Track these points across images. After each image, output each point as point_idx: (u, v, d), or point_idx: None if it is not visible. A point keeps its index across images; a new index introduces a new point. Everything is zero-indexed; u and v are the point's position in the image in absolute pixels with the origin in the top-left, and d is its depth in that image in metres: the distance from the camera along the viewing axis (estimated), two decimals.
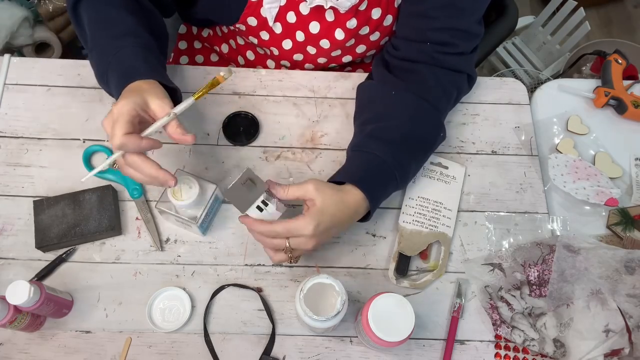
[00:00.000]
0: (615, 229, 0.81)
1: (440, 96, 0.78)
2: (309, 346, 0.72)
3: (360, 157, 0.74)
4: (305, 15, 0.80)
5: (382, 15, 0.80)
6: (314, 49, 0.85)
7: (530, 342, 0.72)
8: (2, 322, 0.61)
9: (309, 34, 0.82)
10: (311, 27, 0.82)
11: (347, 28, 0.80)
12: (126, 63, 0.68)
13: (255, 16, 0.81)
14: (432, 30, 0.76)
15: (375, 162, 0.72)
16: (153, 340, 0.71)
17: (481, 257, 0.78)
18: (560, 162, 0.84)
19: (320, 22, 0.81)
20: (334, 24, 0.81)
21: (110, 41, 0.70)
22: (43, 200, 0.75)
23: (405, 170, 0.74)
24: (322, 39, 0.83)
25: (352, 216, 0.69)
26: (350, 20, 0.79)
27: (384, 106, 0.77)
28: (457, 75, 0.80)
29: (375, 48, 0.87)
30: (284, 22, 0.81)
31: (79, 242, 0.75)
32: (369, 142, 0.74)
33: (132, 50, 0.69)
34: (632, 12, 2.17)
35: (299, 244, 0.65)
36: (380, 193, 0.72)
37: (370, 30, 0.82)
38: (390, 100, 0.77)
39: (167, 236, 0.77)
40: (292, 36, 0.84)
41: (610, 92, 0.90)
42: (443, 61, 0.78)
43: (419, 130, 0.76)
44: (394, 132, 0.74)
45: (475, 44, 0.80)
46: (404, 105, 0.76)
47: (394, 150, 0.72)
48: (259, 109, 0.87)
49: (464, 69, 0.80)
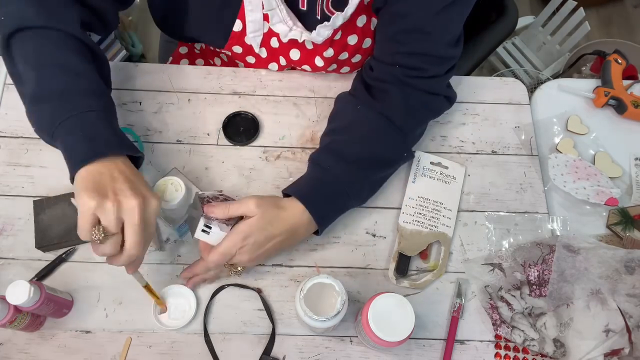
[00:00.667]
0: (615, 228, 0.81)
1: (406, 117, 0.76)
2: (309, 346, 0.72)
3: (313, 170, 0.74)
4: (285, 44, 0.81)
5: (359, 41, 0.80)
6: (299, 70, 0.88)
7: (530, 342, 0.72)
8: (2, 322, 0.61)
9: (290, 60, 0.84)
10: (292, 54, 0.83)
11: (324, 57, 0.81)
12: (93, 130, 0.62)
13: (240, 44, 0.82)
14: (401, 55, 0.74)
15: (326, 178, 0.72)
16: (153, 340, 0.71)
17: (481, 257, 0.78)
18: (560, 162, 0.84)
19: (300, 50, 0.82)
20: (312, 52, 0.81)
21: (71, 96, 0.62)
22: (43, 200, 0.75)
23: (358, 187, 0.74)
24: (304, 64, 0.84)
25: (291, 231, 0.69)
26: (327, 50, 0.79)
27: (347, 120, 0.77)
28: (430, 97, 0.78)
29: (360, 66, 0.88)
30: (268, 47, 0.83)
31: (78, 243, 0.75)
32: (325, 156, 0.74)
33: (98, 115, 0.63)
34: (632, 12, 2.17)
35: (236, 261, 0.68)
36: (327, 209, 0.72)
37: (350, 54, 0.82)
38: (354, 116, 0.77)
39: (167, 236, 0.77)
40: (277, 60, 0.85)
41: (610, 92, 0.90)
42: (414, 85, 0.76)
43: (376, 148, 0.75)
44: (350, 147, 0.74)
45: (449, 66, 0.77)
46: (363, 121, 0.76)
47: (348, 167, 0.72)
48: (259, 109, 0.87)
49: (437, 91, 0.78)
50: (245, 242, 0.66)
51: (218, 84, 0.88)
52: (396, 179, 0.82)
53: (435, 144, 0.86)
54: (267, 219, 0.67)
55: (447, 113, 0.88)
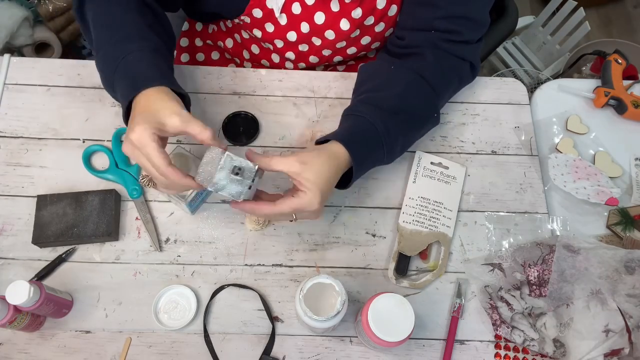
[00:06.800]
0: (615, 229, 0.81)
1: (439, 77, 0.78)
2: (309, 346, 0.72)
3: (349, 119, 0.74)
4: (310, 6, 0.80)
5: (387, 4, 0.80)
6: (318, 40, 0.85)
7: (530, 342, 0.72)
8: (2, 322, 0.61)
9: (314, 25, 0.83)
10: (316, 18, 0.82)
11: (352, 18, 0.80)
12: (134, 69, 0.65)
13: (261, 7, 0.81)
14: (438, 19, 0.76)
15: (364, 126, 0.72)
16: (153, 340, 0.71)
17: (481, 257, 0.78)
18: (560, 161, 0.84)
19: (326, 12, 0.81)
20: (339, 14, 0.81)
21: (117, 45, 0.67)
22: (47, 196, 0.75)
23: (393, 140, 0.73)
24: (327, 29, 0.83)
25: (338, 170, 0.68)
26: (355, 9, 0.79)
27: (380, 79, 0.78)
28: (459, 62, 0.80)
29: (380, 40, 0.87)
30: (289, 13, 0.81)
31: (74, 243, 0.75)
32: (360, 107, 0.74)
33: (141, 54, 0.66)
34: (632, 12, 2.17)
35: (306, 217, 0.67)
36: (365, 156, 0.71)
37: (375, 20, 0.82)
38: (388, 74, 0.78)
39: (167, 236, 0.77)
40: (297, 28, 0.83)
41: (610, 92, 0.90)
42: (447, 49, 0.78)
43: (412, 104, 0.76)
44: (387, 101, 0.74)
45: (481, 33, 0.80)
46: (400, 78, 0.77)
47: (384, 118, 0.72)
48: (259, 109, 0.87)
49: (467, 57, 0.80)
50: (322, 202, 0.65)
51: (218, 84, 0.88)
52: (396, 179, 0.83)
53: (435, 144, 0.86)
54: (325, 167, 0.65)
55: (447, 113, 0.88)
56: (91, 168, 0.79)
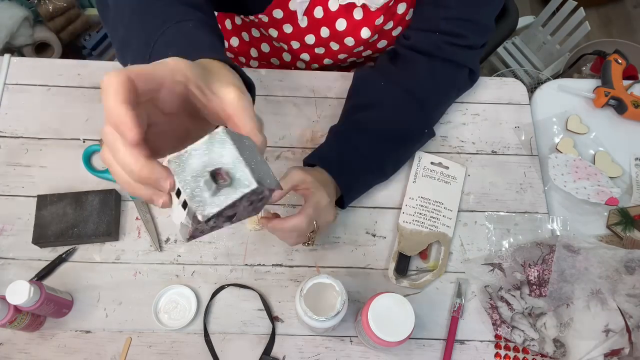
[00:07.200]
0: (615, 228, 0.81)
1: (432, 93, 0.79)
2: (309, 346, 0.72)
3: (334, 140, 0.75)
4: (333, 12, 0.78)
5: (406, 9, 0.79)
6: (337, 45, 0.84)
7: (530, 342, 0.72)
8: (2, 322, 0.61)
9: (335, 31, 0.81)
10: (338, 24, 0.80)
11: (374, 25, 0.79)
12: (193, 36, 0.53)
13: (282, 8, 0.78)
14: (444, 20, 0.75)
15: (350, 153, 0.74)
16: (153, 340, 0.71)
17: (481, 257, 0.78)
18: (561, 161, 0.84)
19: (348, 19, 0.79)
20: (362, 22, 0.79)
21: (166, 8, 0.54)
22: (47, 196, 0.75)
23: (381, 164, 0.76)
24: (347, 36, 0.81)
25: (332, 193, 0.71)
26: (379, 17, 0.78)
27: (372, 95, 0.79)
28: (457, 71, 0.80)
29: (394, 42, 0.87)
30: (310, 16, 0.79)
31: (74, 243, 0.75)
32: (347, 130, 0.75)
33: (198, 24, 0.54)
34: (632, 12, 2.17)
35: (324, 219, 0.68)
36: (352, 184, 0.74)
37: (394, 25, 0.82)
38: (377, 92, 0.78)
39: (167, 236, 0.77)
40: (317, 32, 0.82)
41: (610, 92, 0.90)
42: (449, 53, 0.77)
43: (401, 127, 0.77)
44: (376, 124, 0.75)
45: (486, 39, 0.79)
46: (389, 97, 0.77)
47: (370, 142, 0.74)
48: (259, 109, 0.86)
49: (468, 63, 0.80)
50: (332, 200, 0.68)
51: None
52: (396, 179, 0.82)
53: (435, 144, 0.86)
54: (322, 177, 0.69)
55: (447, 113, 0.88)
56: (91, 168, 0.79)
